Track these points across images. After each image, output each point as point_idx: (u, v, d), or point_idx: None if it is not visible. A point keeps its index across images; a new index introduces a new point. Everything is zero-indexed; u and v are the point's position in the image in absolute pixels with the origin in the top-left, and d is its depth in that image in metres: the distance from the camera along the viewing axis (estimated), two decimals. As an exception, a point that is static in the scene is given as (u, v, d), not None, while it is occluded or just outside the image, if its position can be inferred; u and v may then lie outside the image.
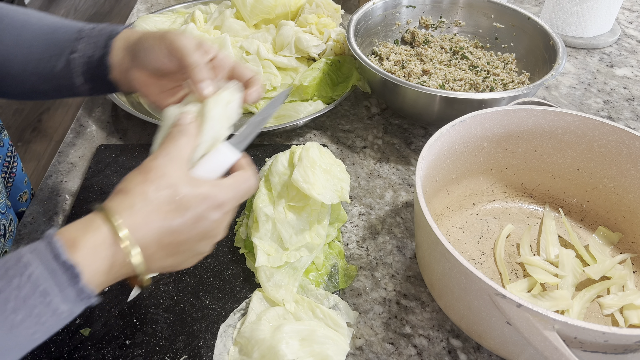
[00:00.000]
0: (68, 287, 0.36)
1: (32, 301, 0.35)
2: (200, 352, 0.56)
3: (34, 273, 0.35)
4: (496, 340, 0.51)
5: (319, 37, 0.95)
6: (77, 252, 0.37)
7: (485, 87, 0.84)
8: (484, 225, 0.70)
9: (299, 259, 0.62)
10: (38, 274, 0.35)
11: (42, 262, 0.36)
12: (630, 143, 0.63)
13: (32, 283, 0.35)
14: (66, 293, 0.36)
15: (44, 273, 0.36)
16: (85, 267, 0.37)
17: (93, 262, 0.38)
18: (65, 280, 0.36)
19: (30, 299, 0.35)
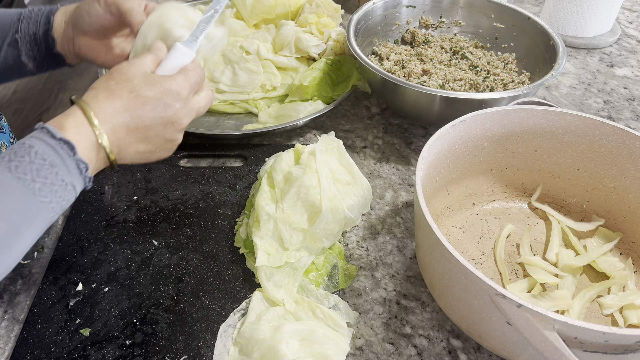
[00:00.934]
0: (68, 159, 0.44)
1: (43, 172, 0.43)
2: (200, 352, 0.56)
3: (39, 151, 0.43)
4: (496, 340, 0.51)
5: (319, 37, 0.95)
6: (67, 131, 0.45)
7: (485, 87, 0.84)
8: (484, 225, 0.70)
9: (299, 259, 0.62)
10: (43, 151, 0.43)
11: (43, 142, 0.44)
12: (631, 143, 0.63)
13: (40, 157, 0.43)
14: (68, 164, 0.44)
15: (47, 149, 0.44)
16: (77, 142, 0.45)
17: (81, 138, 0.46)
18: (65, 153, 0.44)
19: (42, 170, 0.43)
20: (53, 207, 0.44)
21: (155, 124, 0.50)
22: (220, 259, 0.65)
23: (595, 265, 0.64)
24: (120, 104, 0.48)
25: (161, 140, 0.52)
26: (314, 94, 0.87)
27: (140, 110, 0.48)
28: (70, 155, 0.44)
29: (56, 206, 0.45)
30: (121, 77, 0.49)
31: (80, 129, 0.46)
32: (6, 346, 0.57)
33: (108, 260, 0.65)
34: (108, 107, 0.47)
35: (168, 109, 0.50)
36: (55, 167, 0.43)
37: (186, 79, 0.52)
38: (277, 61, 0.92)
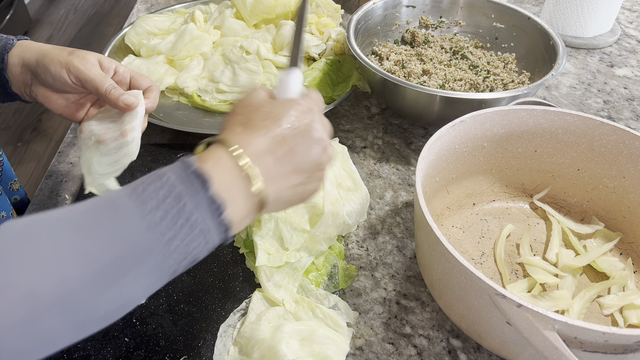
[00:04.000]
0: (200, 192, 0.38)
1: (168, 202, 0.37)
2: (200, 352, 0.56)
3: (169, 179, 0.38)
4: (496, 340, 0.51)
5: (319, 37, 0.95)
6: (204, 163, 0.40)
7: (485, 87, 0.84)
8: (484, 225, 0.70)
9: (299, 259, 0.62)
10: (173, 180, 0.38)
11: (176, 172, 0.39)
12: (630, 143, 0.63)
13: (169, 186, 0.38)
14: (198, 199, 0.38)
15: (178, 179, 0.38)
16: (212, 175, 0.39)
17: (217, 170, 0.40)
18: (196, 186, 0.38)
19: (167, 200, 0.37)
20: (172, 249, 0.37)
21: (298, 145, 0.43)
22: (220, 259, 0.65)
23: (595, 265, 0.64)
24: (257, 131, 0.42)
25: (310, 165, 0.44)
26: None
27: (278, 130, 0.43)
28: (200, 189, 0.38)
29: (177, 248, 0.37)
30: (247, 109, 0.45)
31: (219, 162, 0.40)
32: (6, 346, 0.57)
33: (108, 260, 0.65)
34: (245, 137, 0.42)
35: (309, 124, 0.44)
36: (182, 198, 0.37)
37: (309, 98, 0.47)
38: (277, 61, 0.92)
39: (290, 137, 0.43)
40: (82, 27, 3.04)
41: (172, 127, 0.81)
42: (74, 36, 2.96)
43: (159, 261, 0.36)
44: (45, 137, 2.31)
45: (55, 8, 3.17)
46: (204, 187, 0.38)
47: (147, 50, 0.95)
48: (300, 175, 0.44)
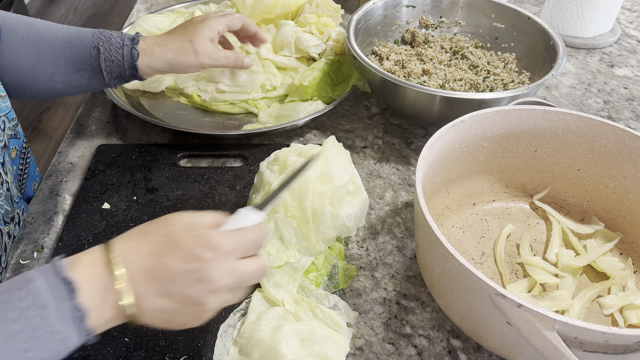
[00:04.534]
0: (64, 302, 0.37)
1: (30, 312, 0.36)
2: (200, 352, 0.56)
3: (36, 287, 0.37)
4: (496, 340, 0.51)
5: (319, 37, 0.95)
6: (76, 269, 0.39)
7: (485, 87, 0.84)
8: (484, 225, 0.70)
9: (299, 259, 0.62)
10: (40, 288, 0.37)
11: (45, 278, 0.37)
12: (631, 143, 0.63)
13: (33, 295, 0.36)
14: (62, 308, 0.37)
15: (45, 287, 0.37)
16: (82, 284, 0.38)
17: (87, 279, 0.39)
18: (64, 294, 0.37)
19: (30, 310, 0.36)
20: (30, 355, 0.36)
21: (180, 276, 0.41)
22: (220, 259, 0.65)
23: (595, 265, 0.64)
24: (147, 246, 0.41)
25: (185, 299, 0.41)
26: (314, 94, 0.87)
27: (165, 257, 0.41)
28: (66, 298, 0.37)
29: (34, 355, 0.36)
30: (163, 221, 0.43)
31: (91, 268, 0.39)
32: (6, 346, 0.57)
33: (108, 260, 0.65)
34: (133, 247, 0.41)
35: (198, 261, 0.41)
36: (45, 309, 0.36)
37: (235, 236, 0.43)
38: (277, 61, 0.92)
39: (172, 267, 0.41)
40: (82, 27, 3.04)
41: (172, 127, 0.81)
42: (74, 36, 2.95)
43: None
44: (45, 137, 2.30)
45: (55, 8, 3.17)
46: (70, 295, 0.37)
47: (147, 50, 0.95)
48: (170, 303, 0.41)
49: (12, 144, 0.75)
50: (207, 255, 0.41)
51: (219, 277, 0.41)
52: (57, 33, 0.68)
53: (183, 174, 0.77)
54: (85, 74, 0.69)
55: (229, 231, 0.43)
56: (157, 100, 0.92)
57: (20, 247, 0.68)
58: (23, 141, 0.78)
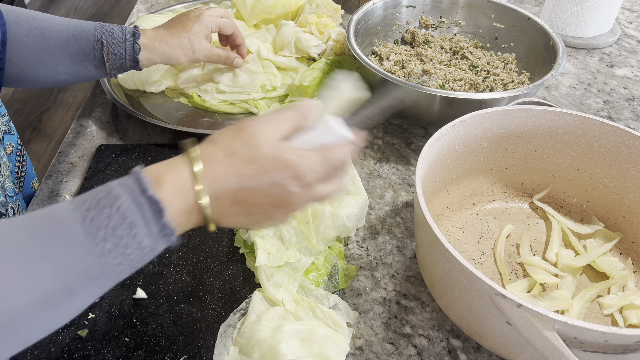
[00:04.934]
0: (152, 222, 0.38)
1: (119, 231, 0.37)
2: (200, 352, 0.56)
3: (122, 205, 0.37)
4: (496, 340, 0.51)
5: (319, 37, 0.95)
6: (162, 189, 0.39)
7: (485, 87, 0.84)
8: (484, 225, 0.70)
9: (299, 259, 0.62)
10: (126, 207, 0.37)
11: (131, 196, 0.38)
12: (630, 143, 0.63)
13: (121, 214, 0.37)
14: (150, 227, 0.38)
15: (131, 206, 0.37)
16: (169, 205, 0.39)
17: (175, 201, 0.39)
18: (151, 215, 0.38)
19: (119, 229, 0.37)
20: (122, 269, 0.38)
21: (265, 203, 0.43)
22: (220, 259, 0.65)
23: (595, 265, 0.64)
24: (235, 171, 0.41)
25: (265, 217, 0.44)
26: (314, 94, 0.87)
27: (254, 185, 0.41)
28: (156, 218, 0.38)
29: (126, 268, 0.38)
30: (249, 139, 0.42)
31: (179, 191, 0.40)
32: (6, 346, 0.57)
33: (108, 260, 0.65)
34: (221, 170, 0.41)
35: (286, 193, 0.42)
36: (134, 228, 0.37)
37: (322, 162, 0.43)
38: (277, 61, 0.92)
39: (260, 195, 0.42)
40: (82, 27, 3.03)
41: (172, 127, 0.81)
42: (74, 36, 2.95)
43: (107, 281, 0.38)
44: (45, 137, 2.30)
45: (55, 8, 3.17)
46: (158, 215, 0.38)
47: (147, 51, 0.95)
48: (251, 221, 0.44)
49: (7, 140, 0.74)
50: (294, 188, 0.42)
51: (302, 204, 0.44)
52: (61, 26, 0.71)
53: (183, 174, 0.77)
54: (88, 65, 0.72)
55: (317, 155, 0.43)
56: (157, 100, 0.92)
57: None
58: (18, 137, 0.78)
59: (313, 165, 0.43)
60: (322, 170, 0.43)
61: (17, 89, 2.52)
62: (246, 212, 0.43)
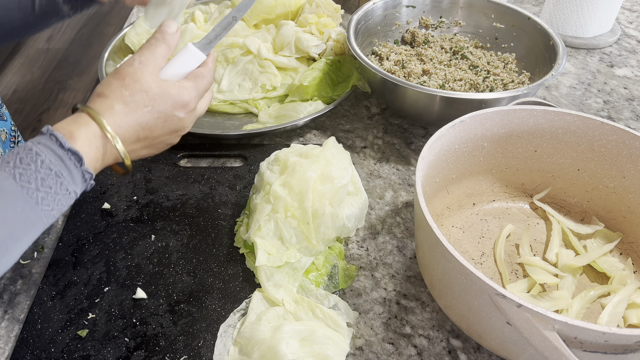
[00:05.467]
0: (74, 170, 0.45)
1: (48, 182, 0.44)
2: (200, 352, 0.56)
3: (45, 159, 0.43)
4: (496, 340, 0.51)
5: (319, 37, 0.95)
6: (76, 141, 0.46)
7: (485, 87, 0.84)
8: (484, 225, 0.70)
9: (299, 259, 0.62)
10: (50, 160, 0.44)
11: (51, 150, 0.44)
12: (630, 143, 0.63)
13: (47, 167, 0.43)
14: (74, 175, 0.45)
15: (54, 159, 0.44)
16: (85, 154, 0.46)
17: (89, 150, 0.47)
18: (72, 164, 0.45)
19: (47, 179, 0.43)
20: (54, 214, 0.45)
21: (163, 133, 0.52)
22: (220, 259, 0.65)
23: (595, 266, 0.64)
24: (135, 117, 0.49)
25: (163, 145, 0.55)
26: (314, 94, 0.87)
27: (152, 123, 0.51)
28: (77, 166, 0.45)
29: (57, 213, 0.45)
30: (135, 86, 0.49)
31: (91, 141, 0.47)
32: (6, 346, 0.57)
33: (108, 261, 0.65)
34: (123, 120, 0.49)
35: (178, 121, 0.53)
36: (60, 177, 0.44)
37: (196, 88, 0.53)
38: (277, 61, 0.92)
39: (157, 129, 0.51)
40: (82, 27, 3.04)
41: (172, 127, 0.81)
42: (74, 36, 2.95)
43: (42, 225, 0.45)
44: (45, 137, 2.30)
45: (55, 8, 3.17)
46: (79, 164, 0.45)
47: (147, 50, 0.95)
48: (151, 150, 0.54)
49: (0, 127, 0.74)
50: (183, 114, 0.52)
51: (190, 124, 0.55)
52: None
53: (183, 174, 0.77)
54: None
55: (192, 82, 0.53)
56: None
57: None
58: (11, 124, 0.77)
59: (192, 92, 0.52)
60: (198, 94, 0.54)
61: (17, 89, 2.52)
62: (149, 145, 0.52)
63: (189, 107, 0.53)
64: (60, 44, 2.88)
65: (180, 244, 0.67)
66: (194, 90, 0.53)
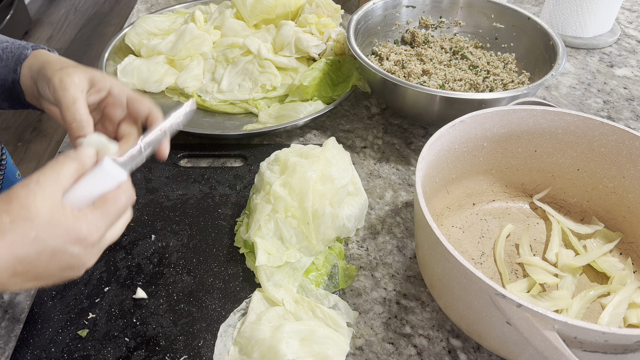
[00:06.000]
0: None
1: None
2: (200, 352, 0.56)
3: None
4: (496, 340, 0.51)
5: (319, 37, 0.95)
6: None
7: (485, 87, 0.84)
8: (484, 225, 0.70)
9: (299, 259, 0.62)
10: None
11: None
12: (630, 143, 0.63)
13: None
14: None
15: None
16: None
17: None
18: None
19: None
20: None
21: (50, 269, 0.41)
22: (220, 259, 0.65)
23: (595, 265, 0.64)
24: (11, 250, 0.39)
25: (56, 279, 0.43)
26: (314, 94, 0.87)
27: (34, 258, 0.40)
28: None
29: None
30: (21, 212, 0.39)
31: None
32: (6, 346, 0.57)
33: (108, 260, 0.65)
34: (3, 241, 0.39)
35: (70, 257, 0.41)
36: None
37: (104, 216, 0.42)
38: (277, 61, 0.92)
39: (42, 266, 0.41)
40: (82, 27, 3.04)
41: (172, 127, 0.81)
42: (74, 36, 2.96)
43: None
44: (45, 137, 2.30)
45: (55, 8, 3.17)
46: None
47: (148, 51, 0.95)
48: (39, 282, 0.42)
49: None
50: (78, 250, 0.41)
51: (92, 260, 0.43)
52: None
53: (183, 174, 0.77)
54: None
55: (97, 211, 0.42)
56: (157, 100, 0.92)
57: None
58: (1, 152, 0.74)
59: (96, 223, 0.42)
60: (106, 223, 0.43)
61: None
62: (31, 279, 0.41)
63: (88, 242, 0.41)
64: (60, 44, 2.88)
65: (180, 244, 0.67)
66: (100, 219, 0.42)
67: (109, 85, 0.54)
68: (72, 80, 0.51)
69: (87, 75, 0.53)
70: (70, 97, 0.51)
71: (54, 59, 0.55)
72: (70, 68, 0.52)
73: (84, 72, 0.53)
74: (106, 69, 0.92)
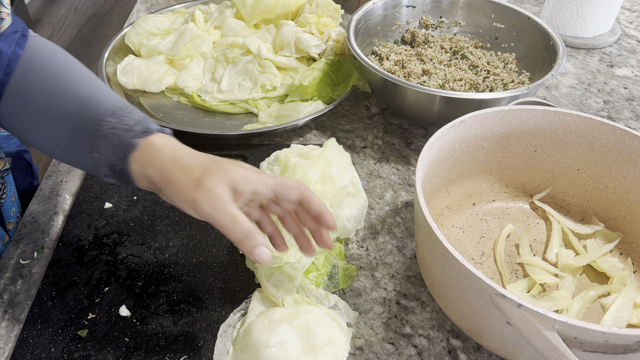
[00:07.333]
0: None
1: None
2: (200, 352, 0.56)
3: None
4: (496, 340, 0.51)
5: (319, 37, 0.95)
6: None
7: (485, 87, 0.84)
8: (484, 225, 0.70)
9: (299, 259, 0.62)
10: None
11: None
12: (630, 143, 0.63)
13: None
14: None
15: None
16: None
17: None
18: None
19: None
20: None
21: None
22: (220, 259, 0.65)
23: (595, 266, 0.64)
24: None
25: None
26: (314, 94, 0.87)
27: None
28: None
29: None
30: None
31: None
32: (6, 346, 0.57)
33: (108, 261, 0.65)
34: None
35: None
36: None
37: None
38: (277, 61, 0.92)
39: None
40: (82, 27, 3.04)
41: (172, 127, 0.81)
42: (74, 36, 2.96)
43: None
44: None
45: (55, 8, 3.17)
46: None
47: (147, 50, 0.95)
48: None
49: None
50: None
51: None
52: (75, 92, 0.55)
53: (183, 174, 0.77)
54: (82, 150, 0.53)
55: None
56: (157, 100, 0.92)
57: (21, 247, 0.68)
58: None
59: None
60: None
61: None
62: None
63: None
64: (60, 44, 2.88)
65: (180, 244, 0.67)
66: None
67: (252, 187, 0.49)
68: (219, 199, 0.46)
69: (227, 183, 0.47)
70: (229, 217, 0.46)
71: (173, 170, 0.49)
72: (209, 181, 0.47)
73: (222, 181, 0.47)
74: (106, 69, 0.92)
